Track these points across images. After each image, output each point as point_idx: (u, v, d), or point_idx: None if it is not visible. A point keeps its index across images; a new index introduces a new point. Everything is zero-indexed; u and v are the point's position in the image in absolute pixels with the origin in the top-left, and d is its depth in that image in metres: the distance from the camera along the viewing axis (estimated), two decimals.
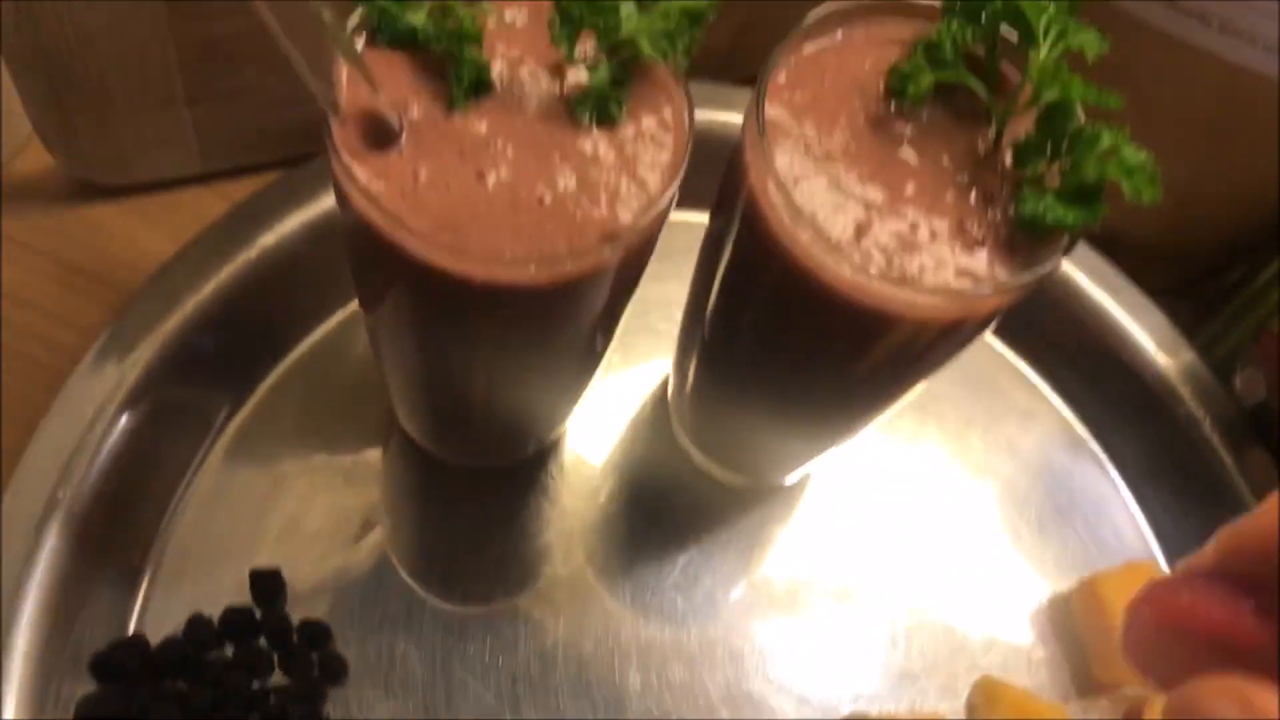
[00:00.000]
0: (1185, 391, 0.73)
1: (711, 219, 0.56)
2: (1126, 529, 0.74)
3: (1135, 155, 0.44)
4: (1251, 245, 0.77)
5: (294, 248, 0.68)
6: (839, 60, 0.50)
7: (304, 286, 0.69)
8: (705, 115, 0.72)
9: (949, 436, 0.75)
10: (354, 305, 0.71)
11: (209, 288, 0.65)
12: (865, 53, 0.51)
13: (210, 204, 0.71)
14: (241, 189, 0.72)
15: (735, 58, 0.75)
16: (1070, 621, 0.69)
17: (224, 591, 0.63)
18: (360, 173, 0.44)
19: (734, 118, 0.73)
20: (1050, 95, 0.45)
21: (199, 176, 0.71)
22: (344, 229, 0.48)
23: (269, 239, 0.67)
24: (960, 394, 0.76)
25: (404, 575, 0.65)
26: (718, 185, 0.54)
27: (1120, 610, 0.65)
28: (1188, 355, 0.74)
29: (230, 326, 0.66)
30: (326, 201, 0.68)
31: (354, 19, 0.46)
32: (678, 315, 0.65)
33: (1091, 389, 0.77)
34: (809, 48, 0.50)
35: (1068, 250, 0.46)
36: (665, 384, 0.73)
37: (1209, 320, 0.78)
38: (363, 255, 0.48)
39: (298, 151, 0.72)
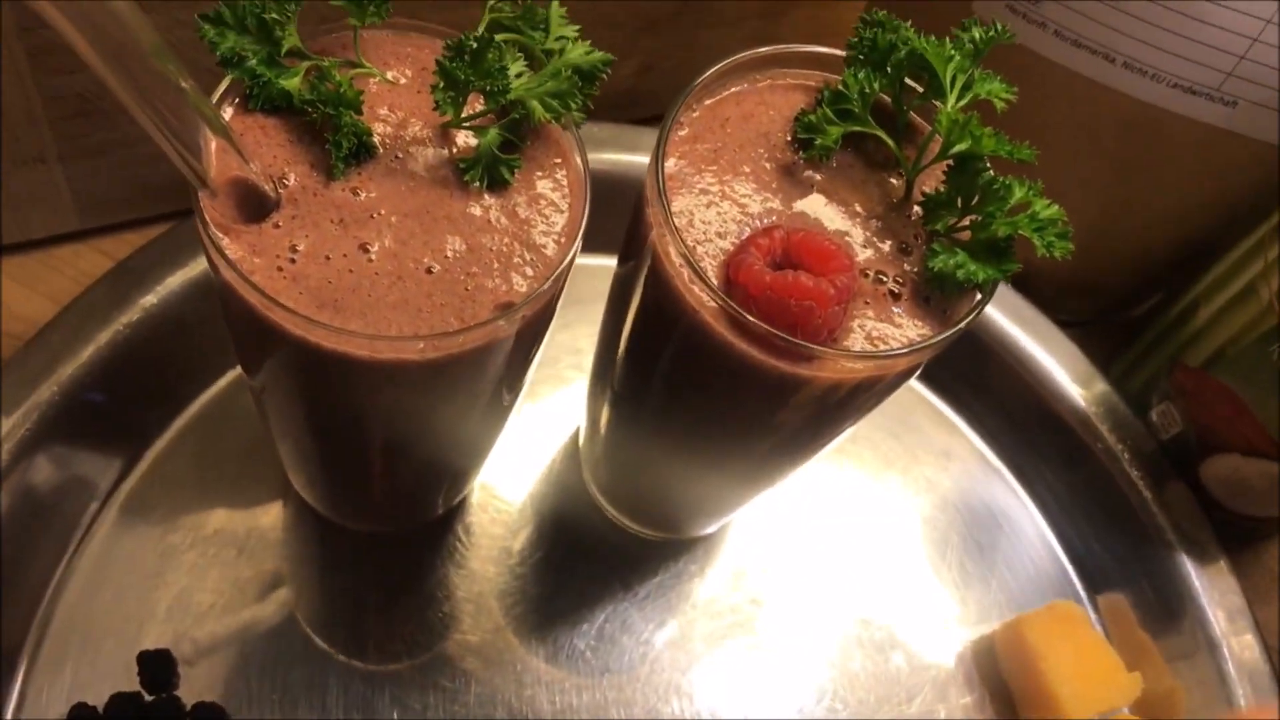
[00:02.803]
0: (1103, 426, 0.72)
1: (619, 265, 0.53)
2: (1047, 566, 0.73)
3: (1046, 210, 0.43)
4: (1161, 276, 0.77)
5: (179, 306, 0.64)
6: (741, 109, 0.49)
7: (192, 346, 0.65)
8: (608, 157, 0.70)
9: (867, 478, 0.73)
10: None
11: (89, 351, 0.62)
12: (769, 100, 0.49)
13: (91, 261, 0.68)
14: (123, 245, 0.68)
15: (638, 98, 0.73)
16: (995, 664, 0.68)
17: (110, 676, 0.59)
18: (232, 249, 0.41)
19: (637, 159, 0.72)
20: (960, 148, 0.44)
21: (76, 234, 0.67)
22: (220, 301, 0.45)
23: (152, 299, 0.63)
24: (877, 434, 0.74)
25: (305, 647, 0.61)
26: (625, 230, 0.51)
27: (1045, 653, 0.64)
28: (1104, 389, 0.73)
29: (113, 392, 0.63)
30: None
31: (223, 84, 0.43)
32: (587, 363, 0.63)
33: (1009, 426, 0.76)
34: (710, 99, 0.48)
35: (980, 306, 0.45)
36: (576, 435, 0.71)
37: (1123, 351, 0.78)
38: (241, 330, 0.45)
39: (182, 205, 0.68)
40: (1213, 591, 0.68)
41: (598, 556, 0.67)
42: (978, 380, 0.75)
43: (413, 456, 0.54)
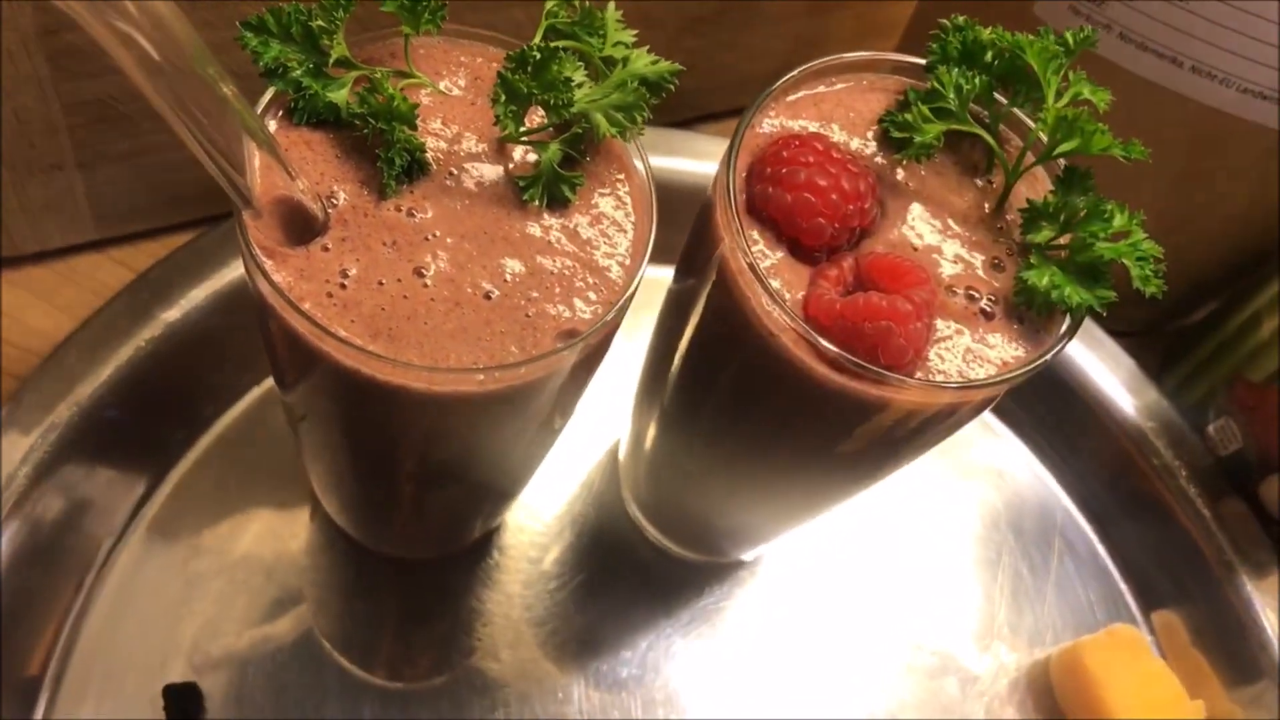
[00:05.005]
0: (1158, 442, 0.70)
1: (676, 278, 0.51)
2: (1101, 585, 0.70)
3: (1151, 246, 0.41)
4: (1217, 285, 0.74)
5: (203, 321, 0.61)
6: (820, 110, 0.46)
7: (216, 363, 0.63)
8: (653, 161, 0.68)
9: (913, 496, 0.71)
10: (270, 380, 0.65)
11: (108, 370, 0.59)
12: (847, 103, 0.46)
13: (109, 272, 0.65)
14: (141, 255, 0.65)
15: (680, 99, 0.70)
16: (1050, 689, 0.65)
17: (134, 710, 0.56)
18: (279, 274, 0.38)
19: (682, 164, 0.69)
20: (1067, 146, 0.41)
21: (93, 244, 0.64)
22: (260, 326, 0.42)
23: (174, 314, 0.60)
24: None
25: (338, 676, 0.59)
26: (681, 242, 0.48)
27: (1106, 681, 0.62)
28: (1159, 402, 0.71)
29: (134, 411, 0.60)
30: (237, 269, 0.62)
31: (266, 96, 0.40)
32: (627, 375, 0.60)
33: (1060, 440, 0.73)
34: (786, 99, 0.45)
35: (1070, 334, 0.42)
36: (615, 450, 0.68)
37: (1178, 363, 0.75)
38: (284, 358, 0.42)
39: (202, 214, 0.65)
40: (1274, 615, 0.66)
41: (638, 579, 0.65)
42: (1027, 393, 0.72)
43: (457, 483, 0.52)
